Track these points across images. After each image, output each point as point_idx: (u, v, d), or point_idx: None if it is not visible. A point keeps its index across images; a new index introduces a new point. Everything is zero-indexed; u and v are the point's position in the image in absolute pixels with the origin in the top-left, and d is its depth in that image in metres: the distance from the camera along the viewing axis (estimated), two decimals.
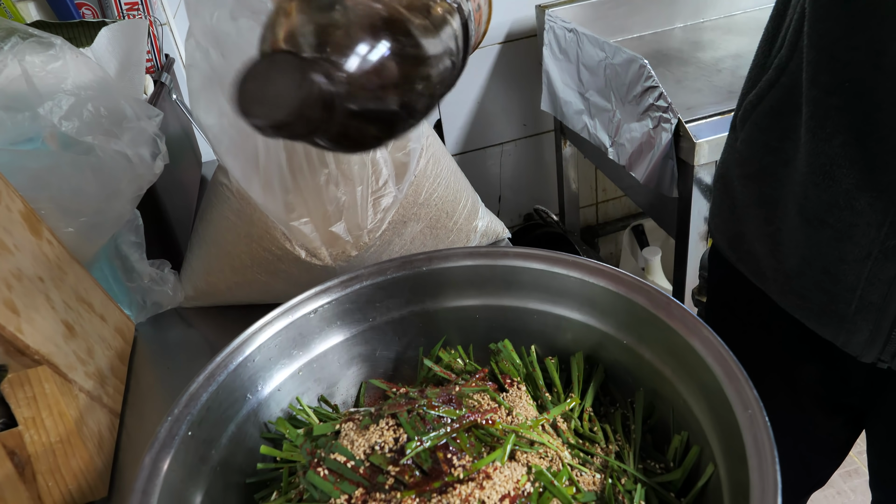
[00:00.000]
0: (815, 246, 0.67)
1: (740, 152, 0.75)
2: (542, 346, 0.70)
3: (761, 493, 0.44)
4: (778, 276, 0.74)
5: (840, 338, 0.70)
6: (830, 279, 0.67)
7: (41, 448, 0.70)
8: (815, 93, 0.61)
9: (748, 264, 0.80)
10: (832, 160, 0.61)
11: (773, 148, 0.70)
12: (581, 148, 1.76)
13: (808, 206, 0.66)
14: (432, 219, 0.87)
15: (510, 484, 0.49)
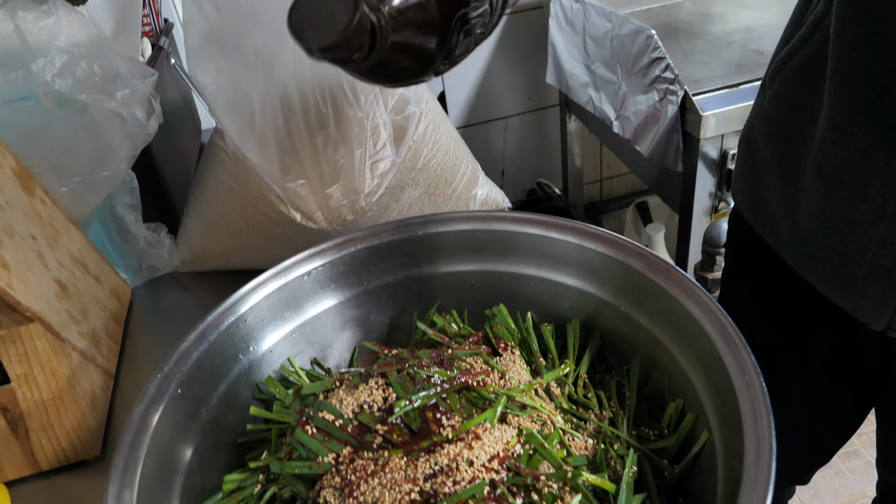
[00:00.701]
0: (830, 206, 0.66)
1: (766, 110, 0.75)
2: (539, 313, 0.69)
3: (756, 458, 0.44)
4: (792, 237, 0.74)
5: (850, 302, 0.69)
6: (843, 240, 0.66)
7: (34, 405, 0.70)
8: (841, 46, 0.60)
9: (766, 225, 0.79)
10: (852, 116, 0.61)
11: (800, 106, 0.69)
12: (586, 122, 1.74)
13: (825, 163, 0.65)
14: (430, 185, 0.86)
15: (499, 445, 0.49)
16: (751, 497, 0.41)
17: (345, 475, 0.49)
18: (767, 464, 0.42)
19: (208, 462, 0.59)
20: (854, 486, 1.65)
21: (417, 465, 0.47)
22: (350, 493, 0.48)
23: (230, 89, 0.74)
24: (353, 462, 0.49)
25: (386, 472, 0.48)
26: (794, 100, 0.70)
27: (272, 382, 0.62)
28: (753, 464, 0.43)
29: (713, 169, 1.24)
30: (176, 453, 0.56)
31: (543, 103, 1.91)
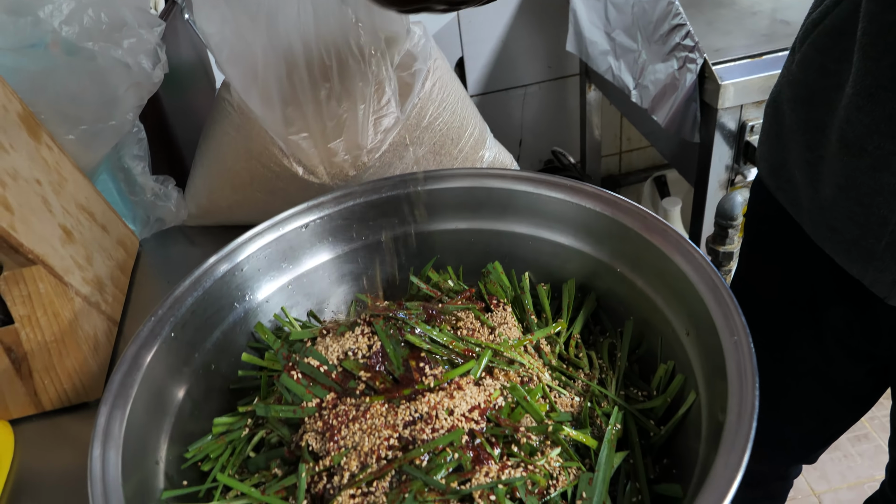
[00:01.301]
0: (852, 174, 0.65)
1: (794, 74, 0.73)
2: (537, 273, 0.69)
3: (737, 418, 0.43)
4: (813, 207, 0.73)
5: (868, 276, 0.68)
6: (863, 211, 0.65)
7: (36, 346, 0.71)
8: (872, 6, 0.58)
9: (787, 193, 0.78)
10: (878, 81, 0.59)
11: (829, 70, 0.67)
12: (606, 93, 1.71)
13: (850, 131, 0.63)
14: (436, 144, 0.85)
15: (481, 397, 0.49)
16: (728, 454, 0.41)
17: (327, 420, 0.49)
18: (748, 422, 0.42)
19: (200, 406, 0.60)
20: (862, 469, 1.64)
21: (398, 412, 0.48)
22: (331, 438, 0.48)
23: (235, 40, 0.73)
24: (335, 408, 0.50)
25: (367, 417, 0.48)
26: (823, 64, 0.68)
27: (261, 328, 0.62)
28: (734, 423, 0.43)
29: (731, 141, 1.22)
30: (167, 394, 0.57)
31: (563, 72, 1.88)
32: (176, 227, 1.00)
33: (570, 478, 0.48)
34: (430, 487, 0.44)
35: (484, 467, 0.44)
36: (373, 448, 0.46)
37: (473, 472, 0.44)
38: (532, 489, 0.46)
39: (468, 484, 0.44)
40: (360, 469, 0.46)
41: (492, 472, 0.44)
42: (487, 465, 0.45)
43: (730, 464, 0.40)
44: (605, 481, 0.48)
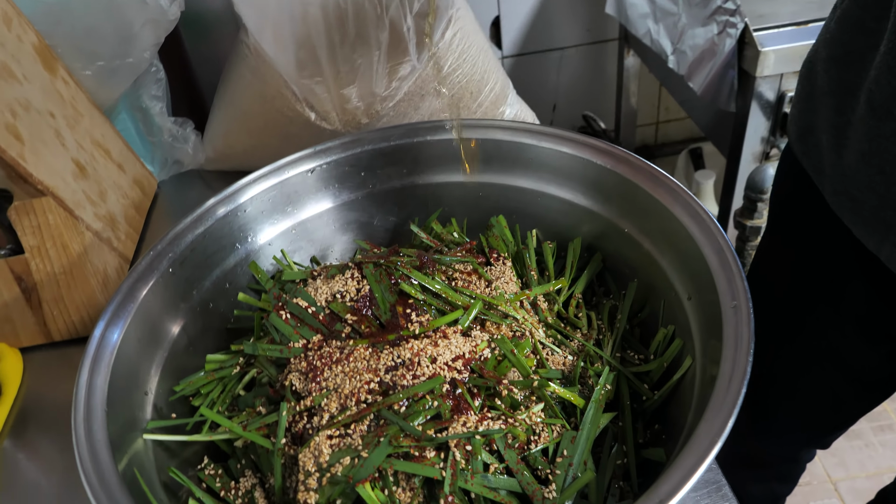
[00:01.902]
0: (876, 139, 0.62)
1: (832, 32, 0.70)
2: (545, 231, 0.67)
3: (727, 383, 0.41)
4: (835, 173, 0.70)
5: (885, 249, 0.65)
6: (884, 180, 0.62)
7: (46, 277, 0.73)
8: None
9: (811, 158, 0.75)
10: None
11: (867, 29, 0.64)
12: (645, 59, 1.65)
13: (878, 93, 0.60)
14: (454, 97, 0.83)
15: (467, 347, 0.48)
16: (713, 418, 0.39)
17: (311, 361, 0.49)
18: (737, 388, 0.40)
19: (195, 343, 0.60)
20: (883, 459, 1.59)
21: (381, 356, 0.47)
22: (313, 378, 0.48)
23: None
24: (320, 349, 0.49)
25: (350, 360, 0.47)
26: (862, 21, 0.65)
27: (255, 267, 0.62)
28: (723, 388, 0.41)
29: (767, 111, 1.17)
30: (162, 328, 0.57)
31: (602, 36, 1.83)
32: (194, 171, 1.00)
33: (553, 435, 0.47)
34: (406, 433, 0.43)
35: (462, 417, 0.44)
36: (353, 391, 0.46)
37: (451, 422, 0.43)
38: (512, 443, 0.45)
39: (445, 432, 0.43)
40: (340, 411, 0.46)
41: (470, 423, 0.44)
42: (466, 415, 0.44)
43: (712, 427, 0.38)
44: (588, 440, 0.46)
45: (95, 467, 0.43)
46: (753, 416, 0.99)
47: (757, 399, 0.97)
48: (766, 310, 0.94)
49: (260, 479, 0.51)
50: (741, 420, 1.10)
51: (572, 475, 0.44)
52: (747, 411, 1.01)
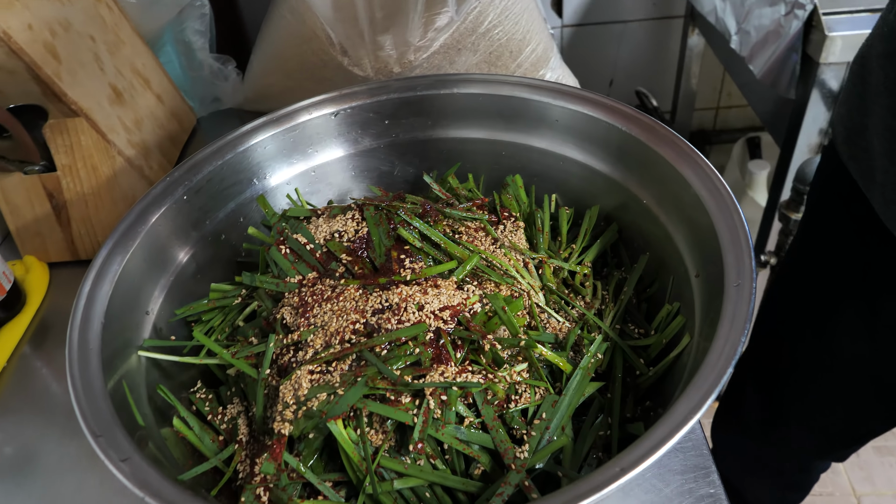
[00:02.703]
0: None
1: (891, 25, 0.64)
2: (564, 197, 0.65)
3: (715, 360, 0.40)
4: (887, 181, 0.65)
5: None
6: None
7: (75, 196, 0.75)
8: None
9: (860, 162, 0.70)
10: None
11: None
12: (709, 39, 1.58)
13: None
14: (492, 54, 0.81)
15: (458, 298, 0.47)
16: (691, 395, 0.37)
17: (303, 296, 0.49)
18: (723, 367, 0.38)
19: (204, 271, 0.61)
20: None
21: (369, 298, 0.47)
22: (303, 314, 0.48)
23: None
24: (314, 286, 0.49)
25: (339, 300, 0.47)
26: None
27: (263, 201, 0.62)
28: (710, 364, 0.39)
29: (829, 101, 1.11)
30: (170, 252, 0.58)
31: (668, 12, 1.76)
32: (233, 110, 1.01)
33: (535, 397, 0.46)
34: (383, 376, 0.43)
35: (441, 367, 0.43)
36: (339, 330, 0.46)
37: (430, 370, 0.43)
38: (490, 400, 0.44)
39: (422, 380, 0.43)
40: (324, 348, 0.46)
41: (448, 374, 0.43)
42: (446, 365, 0.43)
43: (690, 402, 0.37)
44: (570, 406, 0.45)
45: (83, 374, 0.44)
46: (765, 420, 0.96)
47: (769, 402, 0.94)
48: (790, 310, 0.90)
49: (246, 407, 0.51)
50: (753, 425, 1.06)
51: (547, 438, 0.44)
52: (759, 415, 0.98)
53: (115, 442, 0.40)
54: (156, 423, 0.48)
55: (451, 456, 0.44)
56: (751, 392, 0.98)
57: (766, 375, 0.93)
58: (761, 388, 0.95)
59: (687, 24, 1.68)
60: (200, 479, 0.46)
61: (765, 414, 0.95)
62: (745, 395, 1.00)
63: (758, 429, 0.98)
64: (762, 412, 0.95)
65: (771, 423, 0.94)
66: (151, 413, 0.49)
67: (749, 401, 0.99)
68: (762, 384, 0.94)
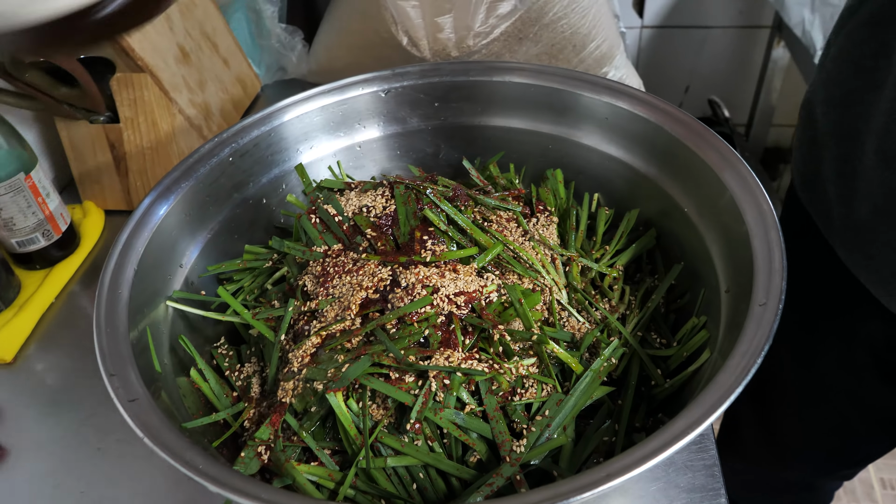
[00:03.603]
0: (891, 194, 0.56)
1: (829, 72, 0.65)
2: (607, 197, 0.64)
3: (726, 378, 0.38)
4: (846, 228, 0.65)
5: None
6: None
7: (135, 149, 0.78)
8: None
9: (817, 207, 0.70)
10: None
11: (865, 67, 0.59)
12: (794, 54, 1.52)
13: (889, 142, 0.55)
14: (554, 47, 0.80)
15: (474, 285, 0.47)
16: (690, 412, 0.36)
17: (325, 267, 0.50)
18: (732, 386, 0.37)
19: (241, 232, 0.63)
20: None
21: (387, 276, 0.47)
22: (323, 283, 0.49)
23: None
24: (337, 258, 0.50)
25: (358, 273, 0.48)
26: (858, 59, 0.60)
27: (301, 170, 0.63)
28: (720, 383, 0.38)
29: None
30: (211, 210, 0.60)
31: (754, 21, 1.69)
32: (297, 80, 1.03)
33: (541, 393, 0.45)
34: (389, 353, 0.43)
35: (448, 351, 0.43)
36: (352, 303, 0.46)
37: (435, 352, 0.43)
38: (495, 390, 0.44)
39: (428, 362, 0.43)
40: (336, 320, 0.46)
41: (454, 359, 0.43)
42: (453, 350, 0.43)
43: (689, 418, 0.35)
44: (575, 407, 0.45)
45: (109, 316, 0.46)
46: (764, 445, 0.94)
47: (767, 428, 0.93)
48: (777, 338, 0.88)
49: (262, 367, 0.53)
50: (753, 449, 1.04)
51: (547, 436, 0.43)
52: (758, 440, 0.96)
53: (127, 383, 0.42)
54: (174, 372, 0.50)
55: (449, 441, 0.44)
56: (748, 417, 0.97)
57: (761, 402, 0.92)
58: (758, 413, 0.94)
59: (773, 35, 1.61)
60: (207, 431, 0.48)
61: (763, 438, 0.93)
62: (742, 420, 0.98)
63: (758, 453, 0.97)
64: (761, 437, 0.94)
65: (770, 448, 0.93)
66: (171, 363, 0.51)
67: (746, 425, 0.98)
68: (758, 409, 0.93)
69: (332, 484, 0.43)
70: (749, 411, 0.95)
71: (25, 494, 0.56)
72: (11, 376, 0.65)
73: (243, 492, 0.36)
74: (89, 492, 0.56)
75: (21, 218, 0.69)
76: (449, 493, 0.44)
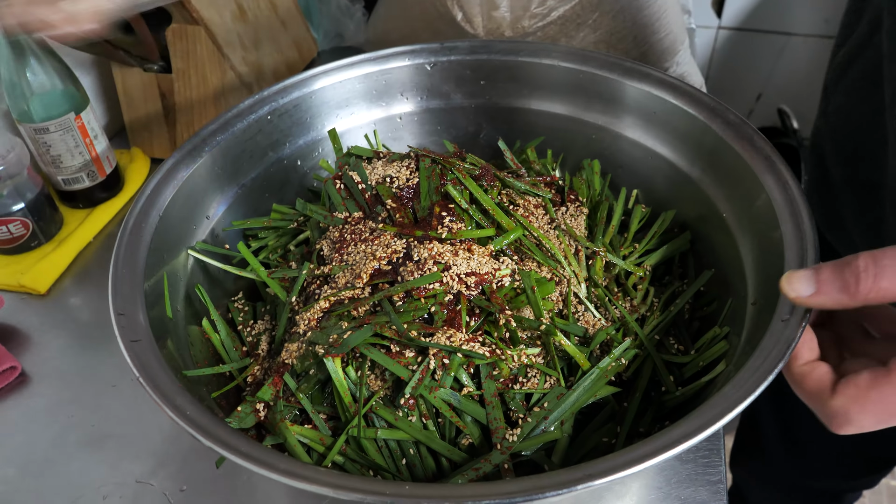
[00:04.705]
0: None
1: (833, 125, 0.63)
2: (646, 195, 0.62)
3: (733, 391, 0.36)
4: None
5: None
6: None
7: (184, 100, 0.79)
8: None
9: (845, 249, 0.67)
10: None
11: (869, 123, 0.56)
12: None
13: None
14: (613, 36, 0.77)
15: (486, 267, 0.46)
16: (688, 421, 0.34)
17: (343, 233, 0.49)
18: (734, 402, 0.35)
19: (272, 190, 0.63)
20: None
21: (400, 248, 0.46)
22: (338, 249, 0.48)
23: None
24: (355, 225, 0.50)
25: (373, 243, 0.47)
26: (860, 117, 0.57)
27: (334, 135, 0.63)
28: (722, 397, 0.36)
29: None
30: (244, 166, 0.60)
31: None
32: (353, 49, 1.03)
33: (544, 385, 0.44)
34: (391, 326, 0.42)
35: (451, 330, 0.42)
36: (363, 272, 0.46)
37: (438, 330, 0.42)
38: (496, 376, 0.43)
39: (430, 339, 0.42)
40: (346, 287, 0.46)
41: (456, 339, 0.42)
42: (457, 330, 0.42)
43: (683, 429, 0.34)
44: (576, 403, 0.43)
45: (127, 258, 0.47)
46: (784, 445, 0.91)
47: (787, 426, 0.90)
48: None
49: (273, 326, 0.53)
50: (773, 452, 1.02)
51: (542, 428, 0.42)
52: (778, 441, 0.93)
53: (134, 323, 0.43)
54: (186, 320, 0.51)
55: (443, 421, 0.43)
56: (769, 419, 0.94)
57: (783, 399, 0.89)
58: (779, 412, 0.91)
59: None
60: (211, 382, 0.48)
61: (783, 438, 0.90)
62: (762, 422, 0.95)
63: (777, 456, 0.93)
64: (780, 438, 0.91)
65: (789, 448, 0.90)
66: (185, 311, 0.51)
67: (767, 427, 0.94)
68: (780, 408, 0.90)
69: (322, 448, 0.43)
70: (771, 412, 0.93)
71: (41, 421, 0.58)
72: (43, 307, 0.68)
73: (227, 444, 0.36)
74: (100, 426, 0.57)
75: (68, 157, 0.71)
76: (438, 472, 0.43)
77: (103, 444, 0.56)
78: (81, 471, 0.54)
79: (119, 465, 0.54)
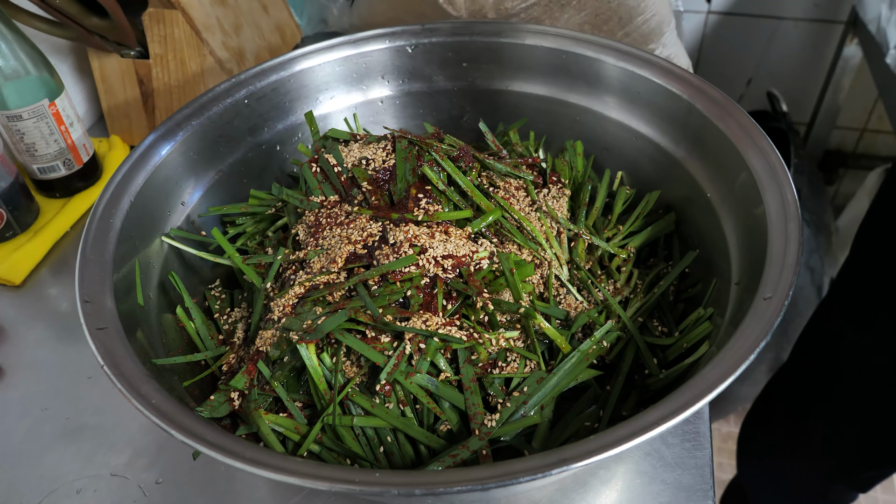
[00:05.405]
0: None
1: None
2: (632, 177, 0.61)
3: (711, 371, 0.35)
4: None
5: None
6: None
7: (163, 86, 0.77)
8: None
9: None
10: None
11: None
12: (867, 53, 1.43)
13: None
14: (598, 17, 0.76)
15: (464, 250, 0.44)
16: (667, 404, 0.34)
17: (319, 217, 0.48)
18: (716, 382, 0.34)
19: (251, 176, 0.62)
20: None
21: (376, 231, 0.45)
22: (314, 234, 0.47)
23: None
24: (331, 209, 0.48)
25: (349, 226, 0.46)
26: None
27: (310, 117, 0.61)
28: (703, 377, 0.35)
29: None
30: (221, 151, 0.59)
31: (829, 16, 1.59)
32: (337, 34, 1.00)
33: (524, 369, 0.43)
34: (367, 310, 0.41)
35: (427, 314, 0.41)
36: (337, 256, 0.44)
37: (414, 314, 0.41)
38: (474, 360, 0.42)
39: (405, 323, 0.41)
40: (321, 272, 0.45)
41: (432, 322, 0.41)
42: (433, 314, 0.41)
43: (662, 410, 0.33)
44: (556, 387, 0.42)
45: (96, 245, 0.46)
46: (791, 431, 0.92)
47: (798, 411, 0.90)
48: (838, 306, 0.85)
49: (250, 314, 0.52)
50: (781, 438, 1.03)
51: (522, 413, 0.41)
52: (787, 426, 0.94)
53: (100, 311, 0.42)
54: (159, 308, 0.50)
55: (421, 407, 0.42)
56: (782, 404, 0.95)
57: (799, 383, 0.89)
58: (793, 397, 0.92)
59: (846, 31, 1.52)
60: (184, 371, 0.47)
61: (792, 424, 0.90)
62: (776, 408, 0.95)
63: (784, 442, 0.94)
64: (790, 423, 0.91)
65: (797, 434, 0.91)
66: (159, 299, 0.50)
67: (779, 412, 0.95)
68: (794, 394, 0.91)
69: (297, 437, 0.42)
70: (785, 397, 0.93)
71: (15, 414, 0.57)
72: (18, 299, 0.66)
73: (192, 433, 0.35)
74: (75, 418, 0.56)
75: (43, 144, 0.69)
76: (417, 460, 0.42)
77: (78, 436, 0.54)
78: (56, 464, 0.53)
79: (94, 457, 0.53)
